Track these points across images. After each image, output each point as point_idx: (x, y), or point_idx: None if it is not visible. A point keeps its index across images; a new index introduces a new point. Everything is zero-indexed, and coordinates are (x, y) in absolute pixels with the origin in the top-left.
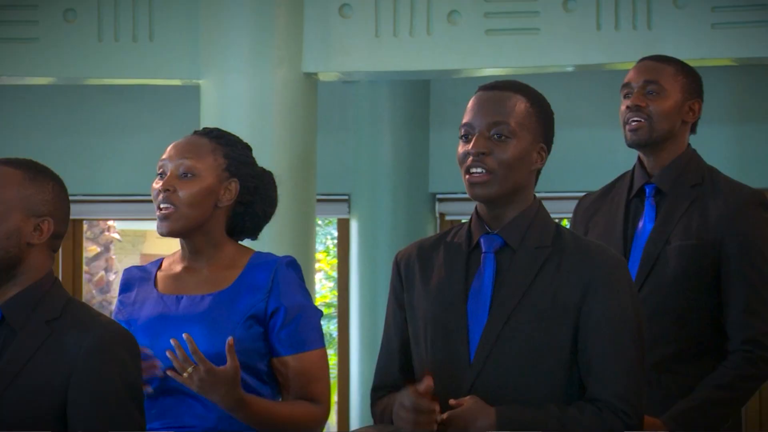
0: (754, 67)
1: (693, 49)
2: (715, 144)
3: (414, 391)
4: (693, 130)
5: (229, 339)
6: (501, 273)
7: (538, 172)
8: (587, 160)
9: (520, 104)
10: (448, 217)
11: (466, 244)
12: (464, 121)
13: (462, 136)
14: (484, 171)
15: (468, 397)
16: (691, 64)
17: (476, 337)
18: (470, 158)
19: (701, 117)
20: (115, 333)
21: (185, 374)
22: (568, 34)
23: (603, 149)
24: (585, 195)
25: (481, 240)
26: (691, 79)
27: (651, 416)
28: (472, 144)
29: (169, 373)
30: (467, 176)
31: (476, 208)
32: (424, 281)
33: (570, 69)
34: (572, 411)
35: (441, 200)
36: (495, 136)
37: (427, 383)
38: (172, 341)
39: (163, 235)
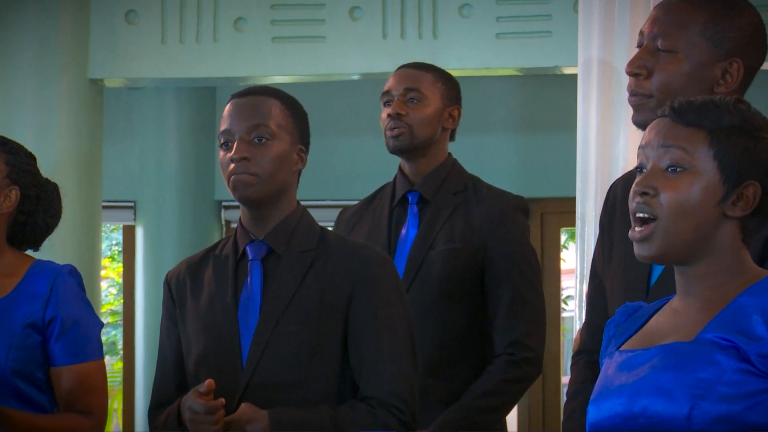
0: (538, 77)
1: (478, 59)
2: (498, 153)
3: (198, 394)
4: (452, 137)
5: None
6: (269, 279)
7: (299, 175)
8: (372, 167)
9: (276, 107)
10: (233, 224)
11: (233, 255)
12: (222, 128)
13: (222, 144)
14: (248, 174)
15: (242, 404)
16: (477, 73)
17: (248, 344)
18: (233, 164)
19: (486, 125)
20: None
21: None
22: (354, 42)
23: (388, 157)
24: (345, 208)
25: (247, 248)
26: (450, 85)
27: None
28: (234, 150)
29: None
30: (232, 178)
31: (240, 218)
32: (195, 297)
33: (356, 77)
34: (345, 409)
35: (226, 207)
36: (256, 139)
37: (207, 383)
38: None
39: None
